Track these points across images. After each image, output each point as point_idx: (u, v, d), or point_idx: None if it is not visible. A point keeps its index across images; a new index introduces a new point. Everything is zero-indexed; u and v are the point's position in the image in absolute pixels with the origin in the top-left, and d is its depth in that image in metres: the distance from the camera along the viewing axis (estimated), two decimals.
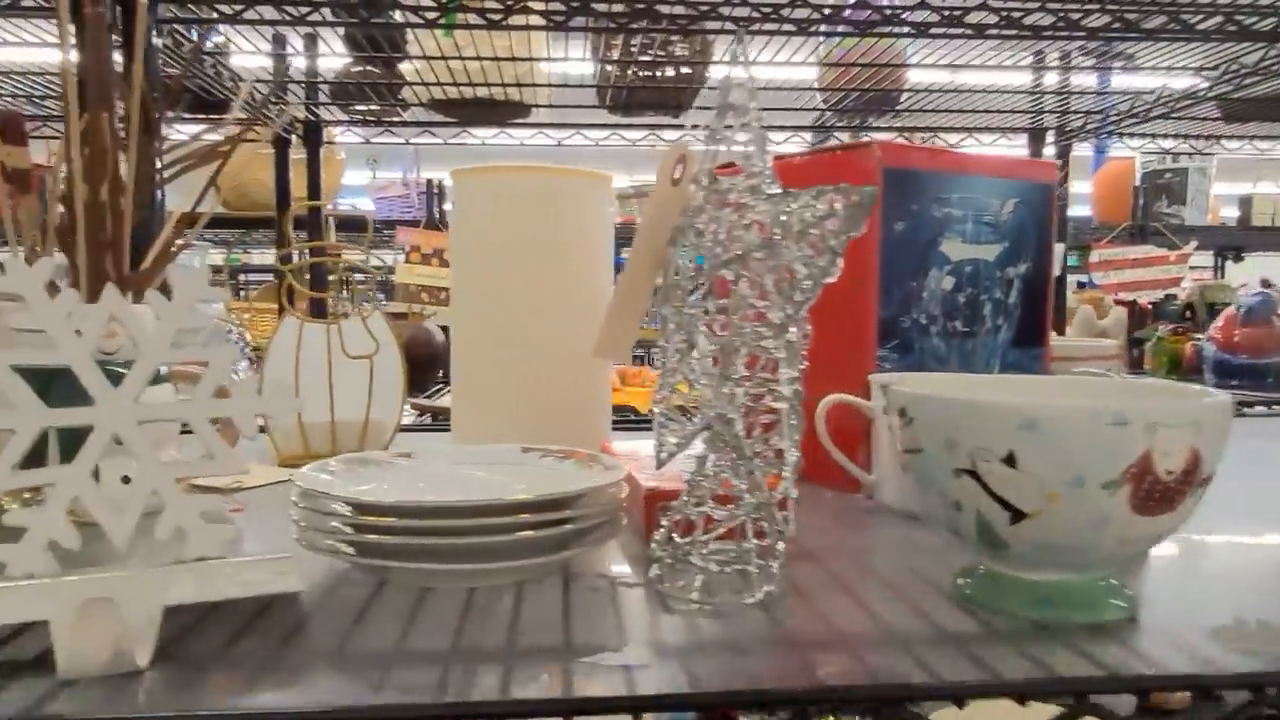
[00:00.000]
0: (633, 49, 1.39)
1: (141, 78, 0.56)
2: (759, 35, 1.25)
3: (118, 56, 0.73)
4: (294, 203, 1.64)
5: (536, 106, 1.52)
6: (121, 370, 0.62)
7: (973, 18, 1.06)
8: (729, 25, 1.08)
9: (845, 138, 1.98)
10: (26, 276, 0.40)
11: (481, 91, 1.45)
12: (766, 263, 0.41)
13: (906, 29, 1.07)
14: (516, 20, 1.03)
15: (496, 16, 1.01)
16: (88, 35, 0.52)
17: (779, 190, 0.42)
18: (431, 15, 1.01)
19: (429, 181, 3.24)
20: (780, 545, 0.46)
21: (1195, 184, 3.06)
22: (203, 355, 0.43)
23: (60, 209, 0.57)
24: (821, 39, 1.55)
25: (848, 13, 1.09)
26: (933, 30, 1.08)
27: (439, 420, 1.14)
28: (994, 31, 1.07)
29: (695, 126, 0.47)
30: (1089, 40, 1.23)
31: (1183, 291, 2.55)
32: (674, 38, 1.37)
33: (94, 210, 0.55)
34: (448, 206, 3.35)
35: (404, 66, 1.51)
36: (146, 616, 0.37)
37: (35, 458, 0.41)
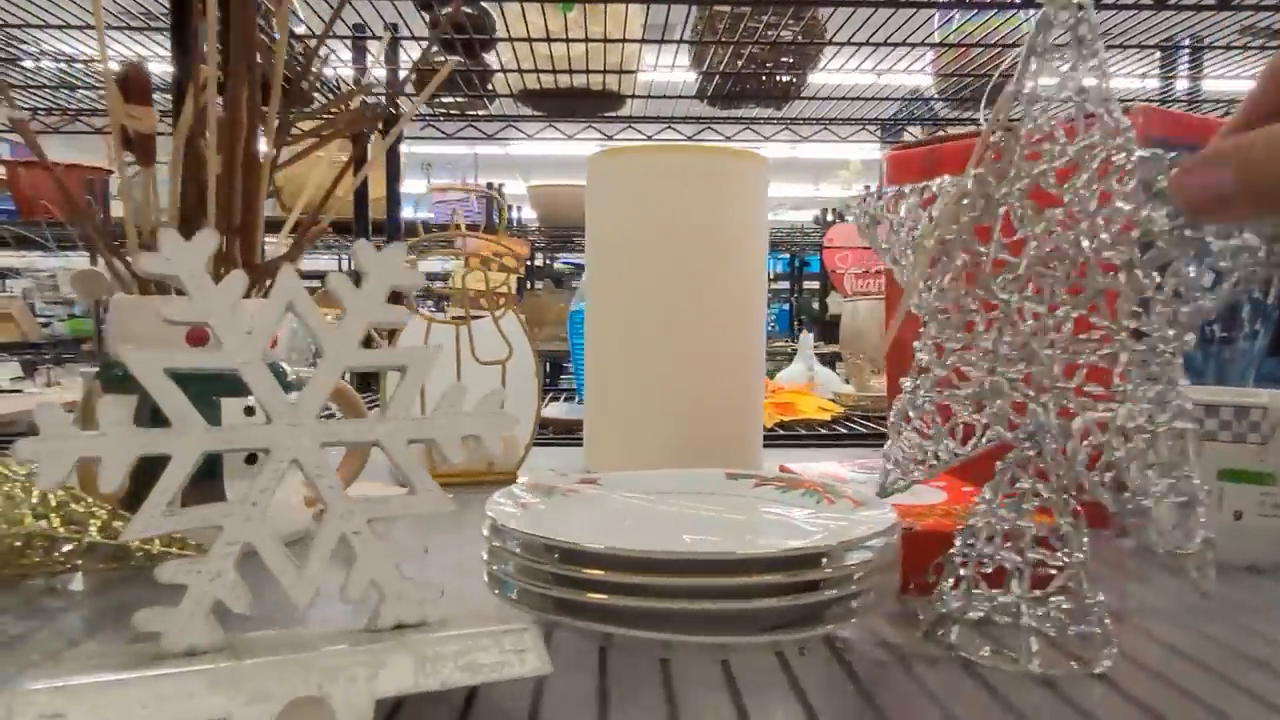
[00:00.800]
0: (747, 29, 1.29)
1: (286, 41, 0.47)
2: (906, 7, 1.15)
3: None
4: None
5: (633, 97, 1.42)
6: (228, 375, 0.52)
7: None
8: None
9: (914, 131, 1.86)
10: (185, 254, 0.30)
11: (571, 81, 1.36)
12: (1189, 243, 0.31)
13: None
14: None
15: None
16: None
17: (1149, 151, 0.32)
18: None
19: (489, 185, 3.17)
20: (1101, 598, 0.35)
21: None
22: (399, 359, 0.34)
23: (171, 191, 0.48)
24: (936, 22, 1.44)
25: None
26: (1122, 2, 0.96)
27: (544, 431, 1.04)
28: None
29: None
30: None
31: None
32: (789, 20, 1.26)
33: (226, 186, 0.46)
34: (525, 214, 3.29)
35: (488, 58, 1.42)
36: (356, 716, 0.27)
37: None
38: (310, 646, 0.29)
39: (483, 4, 1.35)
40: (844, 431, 1.02)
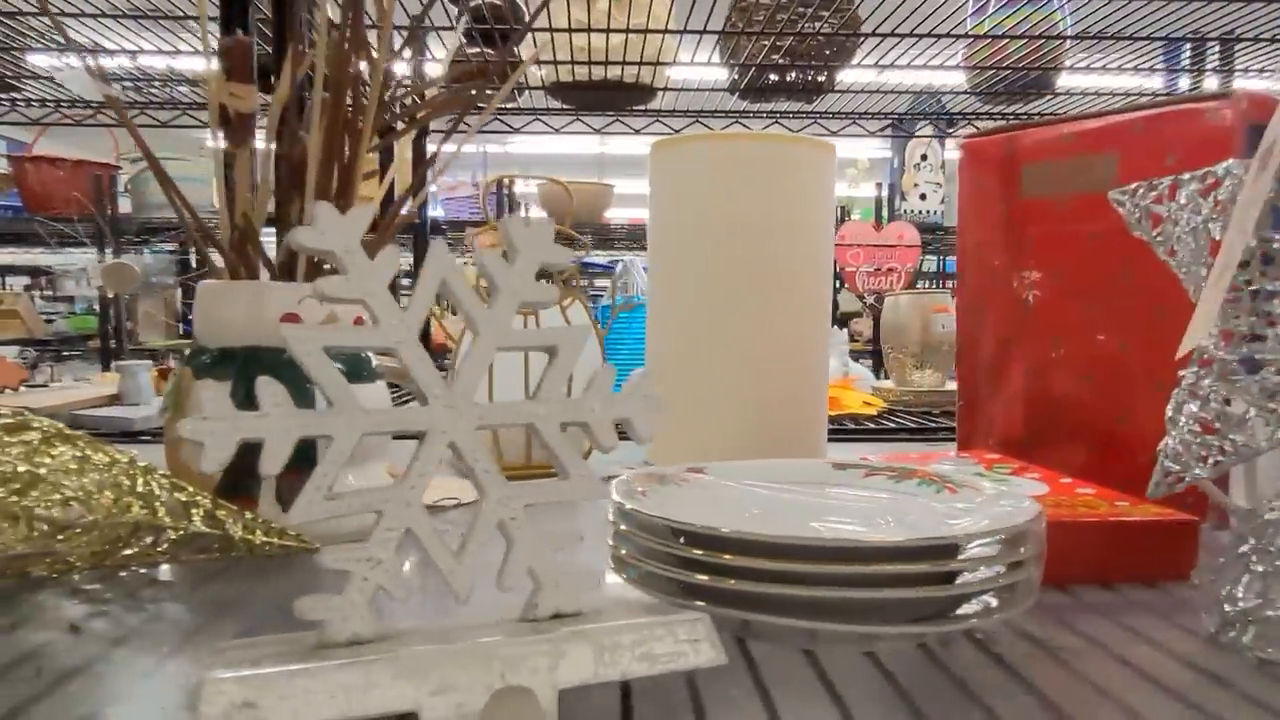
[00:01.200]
0: (778, 20, 1.28)
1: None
2: None
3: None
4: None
5: (666, 90, 1.41)
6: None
7: None
8: None
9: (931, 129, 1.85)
10: (341, 229, 0.29)
11: (606, 73, 1.34)
12: None
13: None
14: None
15: None
16: None
17: None
18: None
19: (499, 182, 3.16)
20: None
21: None
22: (550, 339, 0.33)
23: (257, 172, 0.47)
24: (969, 14, 1.43)
25: None
26: None
27: None
28: None
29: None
30: None
31: None
32: (826, 13, 1.25)
33: (328, 157, 0.45)
34: (533, 213, 3.27)
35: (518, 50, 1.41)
36: (544, 707, 0.26)
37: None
38: (470, 636, 0.28)
39: None
40: (892, 425, 1.01)
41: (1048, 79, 1.41)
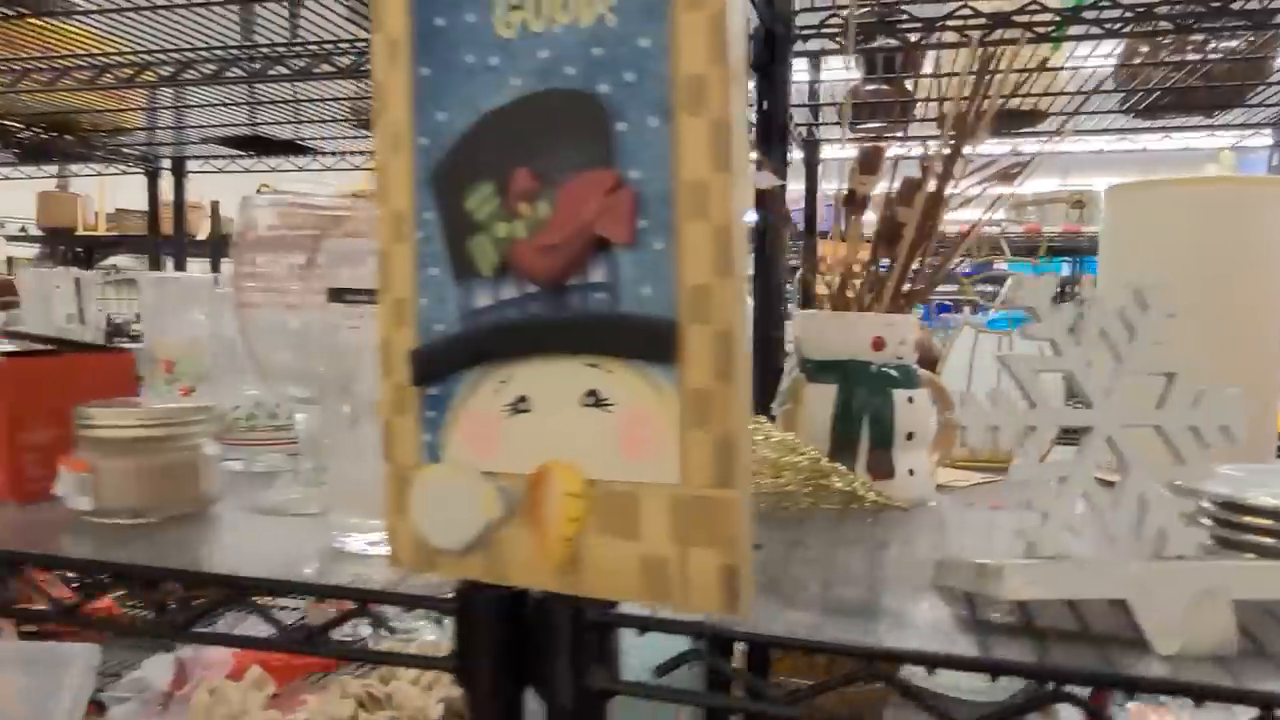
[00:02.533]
0: (1185, 40, 1.30)
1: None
2: None
3: None
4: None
5: (1053, 115, 1.48)
6: (893, 373, 0.68)
7: None
8: None
9: None
10: (1036, 290, 0.45)
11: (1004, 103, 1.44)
12: None
13: None
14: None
15: (1115, 26, 0.99)
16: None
17: None
18: (1043, 29, 1.02)
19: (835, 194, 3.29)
20: None
21: None
22: (1167, 367, 0.46)
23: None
24: None
25: None
26: None
27: None
28: None
29: None
30: None
31: None
32: (1241, 32, 1.26)
33: (923, 224, 0.62)
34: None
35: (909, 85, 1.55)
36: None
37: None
38: (1127, 564, 0.43)
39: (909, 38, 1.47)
40: None
41: None
